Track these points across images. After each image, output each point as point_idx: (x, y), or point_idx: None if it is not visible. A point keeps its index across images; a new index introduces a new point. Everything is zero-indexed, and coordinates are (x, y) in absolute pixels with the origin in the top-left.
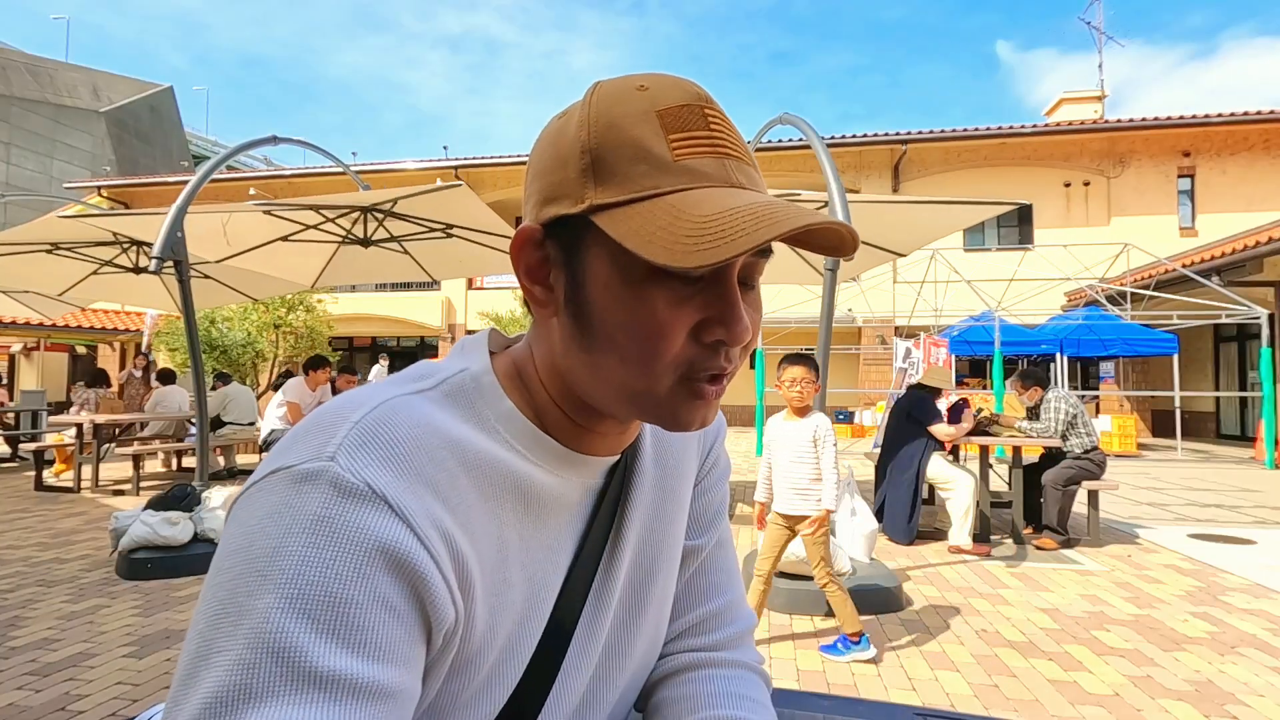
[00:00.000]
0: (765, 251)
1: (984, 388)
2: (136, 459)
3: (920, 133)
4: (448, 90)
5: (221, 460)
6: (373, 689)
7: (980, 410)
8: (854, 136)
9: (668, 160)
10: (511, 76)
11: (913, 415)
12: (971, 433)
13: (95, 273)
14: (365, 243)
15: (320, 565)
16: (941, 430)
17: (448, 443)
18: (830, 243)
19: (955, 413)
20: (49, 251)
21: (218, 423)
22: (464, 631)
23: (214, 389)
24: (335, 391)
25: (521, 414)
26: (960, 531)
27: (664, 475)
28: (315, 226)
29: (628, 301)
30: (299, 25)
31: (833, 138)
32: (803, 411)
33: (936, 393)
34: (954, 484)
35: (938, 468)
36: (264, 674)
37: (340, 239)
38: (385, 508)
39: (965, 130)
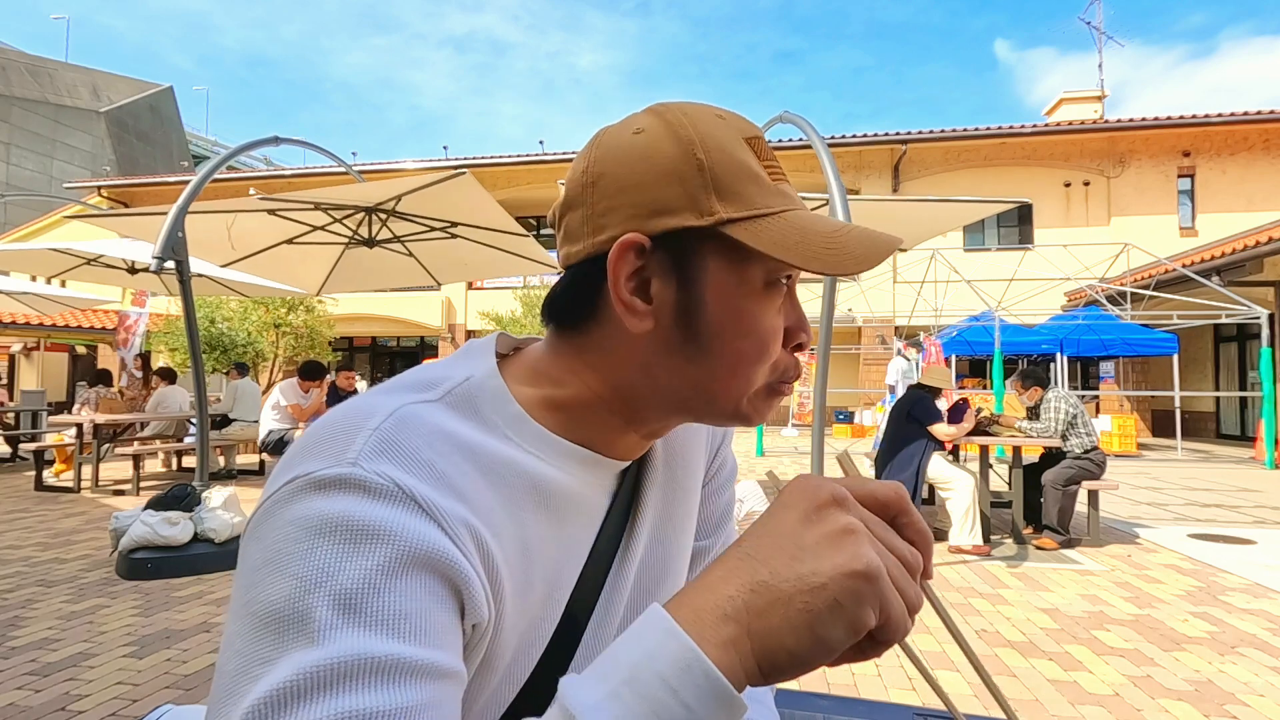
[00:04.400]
0: None
1: (984, 387)
2: (136, 459)
3: (920, 133)
4: (452, 90)
5: (222, 460)
6: (431, 669)
7: (980, 410)
8: (854, 136)
9: (767, 182)
10: (516, 77)
11: (912, 415)
12: (972, 433)
13: (88, 263)
14: (370, 243)
15: (358, 563)
16: (942, 430)
17: (460, 448)
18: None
19: (956, 413)
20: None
21: (225, 420)
22: (493, 633)
23: (229, 377)
24: (335, 388)
25: (531, 416)
26: (960, 531)
27: (674, 476)
28: (321, 228)
29: (746, 311)
30: (305, 26)
31: (833, 137)
32: None
33: (937, 392)
34: (954, 484)
35: (937, 468)
36: (325, 675)
37: (345, 240)
38: (416, 507)
39: (965, 130)
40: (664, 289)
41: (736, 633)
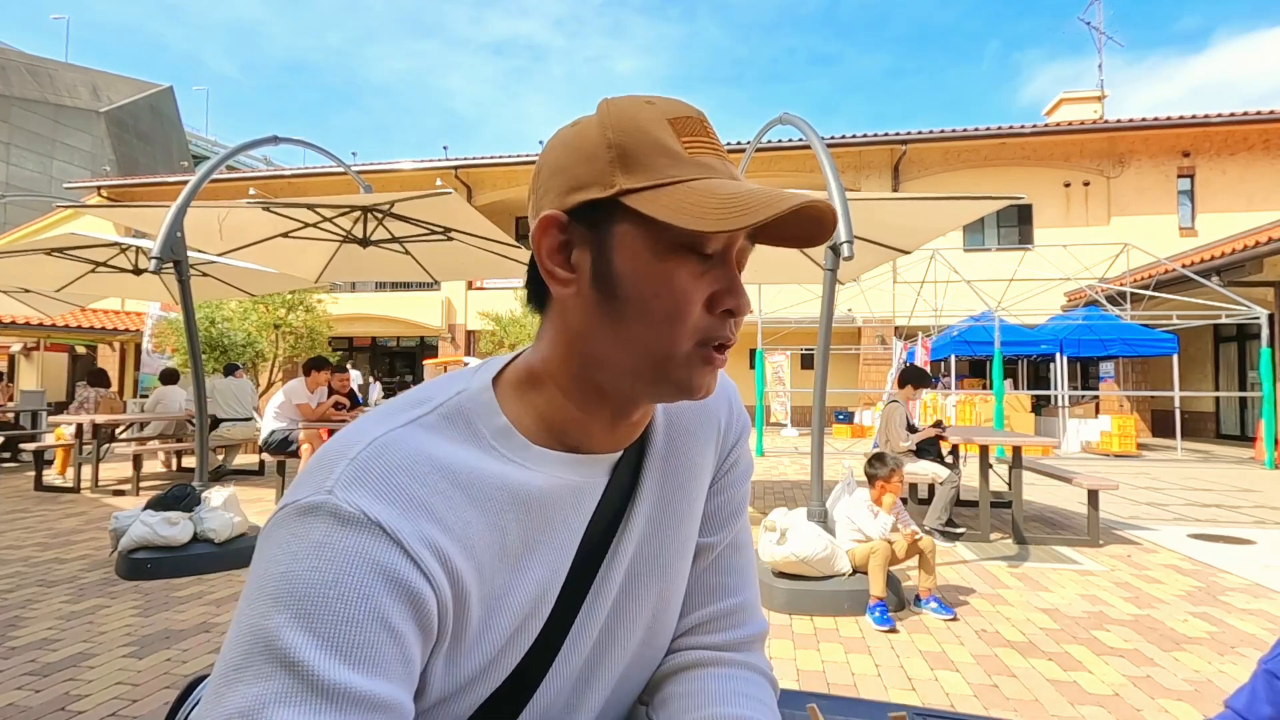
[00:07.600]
0: (753, 240)
1: (983, 387)
2: (137, 459)
3: (920, 133)
4: (486, 94)
5: (220, 458)
6: (372, 701)
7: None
8: (854, 137)
9: (683, 155)
10: (551, 82)
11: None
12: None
13: (93, 271)
14: (364, 243)
15: (323, 586)
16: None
17: (440, 467)
18: (810, 230)
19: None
20: (47, 253)
21: (214, 421)
22: (460, 637)
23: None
24: (330, 390)
25: (516, 428)
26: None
27: (673, 471)
28: (314, 225)
29: (655, 273)
30: (352, 33)
31: (833, 138)
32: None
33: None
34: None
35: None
36: (278, 684)
37: (341, 238)
38: (380, 532)
39: (965, 130)
40: (582, 256)
41: None
